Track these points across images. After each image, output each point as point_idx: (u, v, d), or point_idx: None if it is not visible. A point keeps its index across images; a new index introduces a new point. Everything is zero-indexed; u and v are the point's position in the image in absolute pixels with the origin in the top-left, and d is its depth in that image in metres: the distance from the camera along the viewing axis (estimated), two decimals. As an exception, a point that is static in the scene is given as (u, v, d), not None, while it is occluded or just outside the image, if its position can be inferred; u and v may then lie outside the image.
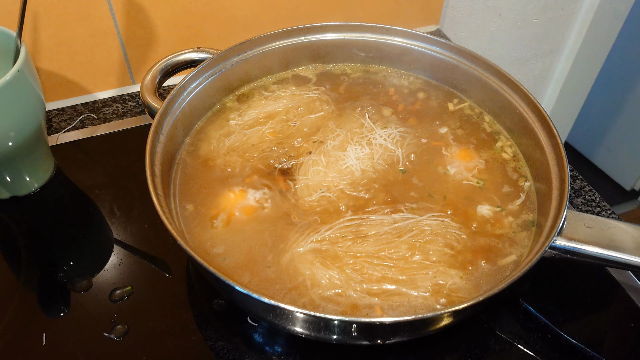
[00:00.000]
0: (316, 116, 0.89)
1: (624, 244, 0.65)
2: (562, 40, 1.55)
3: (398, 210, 0.76)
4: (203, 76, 0.87)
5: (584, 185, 0.97)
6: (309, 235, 0.72)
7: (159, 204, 0.66)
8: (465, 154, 0.85)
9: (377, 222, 0.74)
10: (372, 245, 0.71)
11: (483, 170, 0.83)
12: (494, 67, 0.87)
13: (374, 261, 0.69)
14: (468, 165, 0.83)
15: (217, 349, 0.71)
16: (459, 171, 0.82)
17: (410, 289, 0.67)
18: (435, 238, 0.72)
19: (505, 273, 0.70)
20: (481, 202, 0.78)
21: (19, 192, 0.89)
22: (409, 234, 0.72)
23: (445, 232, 0.73)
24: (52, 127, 1.03)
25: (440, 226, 0.74)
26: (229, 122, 0.88)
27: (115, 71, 1.09)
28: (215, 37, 1.12)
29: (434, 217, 0.75)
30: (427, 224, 0.73)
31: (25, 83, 0.78)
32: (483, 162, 0.84)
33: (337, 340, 0.65)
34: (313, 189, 0.78)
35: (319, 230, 0.72)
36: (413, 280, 0.68)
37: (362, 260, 0.69)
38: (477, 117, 0.91)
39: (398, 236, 0.72)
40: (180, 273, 0.80)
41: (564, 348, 0.73)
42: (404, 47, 0.94)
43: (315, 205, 0.76)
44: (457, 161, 0.84)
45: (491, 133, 0.89)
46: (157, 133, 0.76)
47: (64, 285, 0.78)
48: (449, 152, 0.85)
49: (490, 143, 0.87)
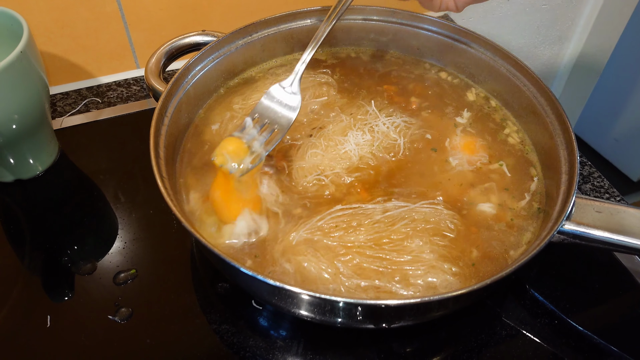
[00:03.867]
0: (321, 100, 0.88)
1: (633, 229, 0.64)
2: (571, 26, 1.53)
3: (391, 198, 0.74)
4: (207, 59, 0.86)
5: (592, 171, 0.96)
6: (301, 225, 0.70)
7: (163, 186, 0.65)
8: (470, 141, 0.84)
9: (369, 210, 0.72)
10: (364, 235, 0.69)
11: (490, 156, 0.82)
12: (503, 51, 0.86)
13: (366, 252, 0.67)
14: (472, 157, 0.82)
15: (222, 332, 0.71)
16: (462, 160, 0.81)
17: (403, 286, 0.65)
18: (430, 226, 0.70)
19: (512, 260, 0.69)
20: (487, 190, 0.77)
21: (23, 176, 0.88)
22: (401, 222, 0.70)
23: (438, 219, 0.71)
24: (56, 111, 1.03)
25: (434, 214, 0.72)
26: (233, 106, 0.87)
27: (119, 55, 1.08)
28: (220, 21, 1.11)
29: (426, 205, 0.73)
30: (420, 212, 0.72)
31: (28, 65, 0.77)
32: (488, 151, 0.82)
33: (342, 324, 0.64)
34: (308, 172, 0.77)
35: (310, 221, 0.71)
36: (405, 277, 0.66)
37: (355, 251, 0.67)
38: (485, 103, 0.90)
39: (391, 224, 0.70)
40: (184, 257, 0.80)
41: (570, 335, 0.73)
42: (412, 30, 0.93)
43: (310, 187, 0.76)
44: (461, 150, 0.82)
45: (498, 118, 0.87)
46: (162, 115, 0.75)
47: (68, 268, 0.78)
48: (453, 139, 0.83)
49: (497, 129, 0.86)
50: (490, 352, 0.70)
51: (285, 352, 0.69)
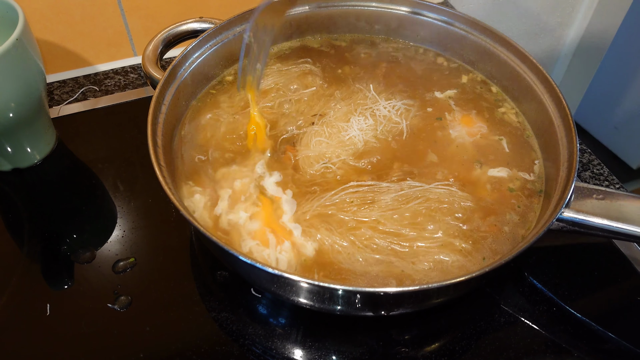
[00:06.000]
0: (320, 87, 0.88)
1: (632, 216, 0.64)
2: (572, 13, 1.52)
3: (406, 178, 0.75)
4: (205, 46, 0.85)
5: (592, 159, 0.95)
6: (315, 199, 0.71)
7: (162, 174, 0.65)
8: (469, 122, 0.84)
9: (384, 188, 0.73)
10: (377, 211, 0.70)
11: (489, 142, 0.81)
12: (503, 37, 0.85)
13: (379, 227, 0.68)
14: (473, 130, 0.82)
15: (221, 320, 0.71)
16: (464, 141, 0.81)
17: (416, 262, 0.66)
18: (441, 206, 0.71)
19: (510, 246, 0.69)
20: (488, 172, 0.77)
21: (20, 164, 0.88)
22: (415, 202, 0.71)
23: (452, 200, 0.72)
24: (53, 99, 1.02)
25: (446, 194, 0.72)
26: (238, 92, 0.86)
27: (116, 42, 1.07)
28: (218, 7, 1.10)
29: (441, 186, 0.74)
30: (434, 192, 0.72)
31: (25, 52, 0.76)
32: (489, 132, 0.82)
33: (340, 311, 0.64)
34: (315, 160, 0.77)
35: (325, 195, 0.72)
36: (415, 253, 0.67)
37: (369, 226, 0.68)
38: (485, 89, 0.89)
39: (405, 202, 0.71)
40: (183, 245, 0.80)
41: (569, 322, 0.73)
42: (411, 17, 0.92)
43: (317, 176, 0.76)
44: (463, 130, 0.83)
45: (498, 105, 0.87)
46: (159, 103, 0.75)
47: (67, 257, 0.78)
48: (454, 123, 0.84)
49: (497, 115, 0.85)
50: (489, 339, 0.70)
51: (285, 340, 0.70)
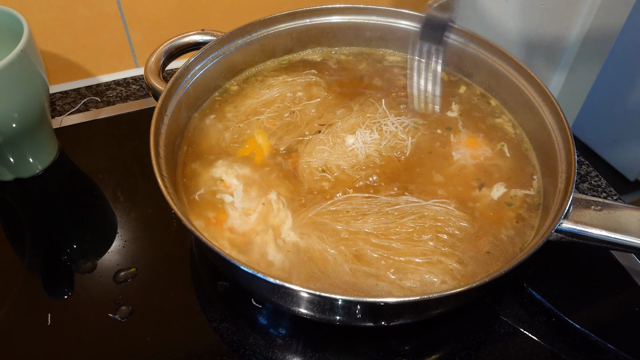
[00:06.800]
0: (325, 99, 0.89)
1: (630, 227, 0.65)
2: (569, 26, 1.53)
3: (400, 194, 0.75)
4: (207, 58, 0.86)
5: (590, 170, 0.96)
6: (311, 207, 0.72)
7: (164, 184, 0.66)
8: (472, 141, 0.84)
9: (380, 201, 0.73)
10: (371, 224, 0.70)
11: (490, 157, 0.82)
12: (501, 50, 0.86)
13: (371, 239, 0.68)
14: (475, 152, 0.82)
15: (221, 330, 0.71)
16: (465, 159, 0.81)
17: (403, 278, 0.66)
18: (436, 224, 0.71)
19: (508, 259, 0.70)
20: (490, 193, 0.77)
21: (22, 174, 0.88)
22: (410, 217, 0.71)
23: (448, 218, 0.72)
24: (55, 110, 1.03)
25: (443, 212, 0.72)
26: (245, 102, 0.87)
27: (119, 54, 1.09)
28: (220, 20, 1.11)
29: (438, 203, 0.74)
30: (431, 209, 0.73)
31: (29, 63, 0.77)
32: (489, 150, 0.83)
33: (341, 322, 0.65)
34: (315, 168, 0.78)
35: (321, 204, 0.72)
36: (404, 269, 0.67)
37: (361, 238, 0.69)
38: (484, 102, 0.90)
39: (400, 217, 0.71)
40: (184, 255, 0.80)
41: (567, 332, 0.73)
42: (412, 30, 0.93)
43: (315, 183, 0.76)
44: (465, 149, 0.83)
45: (497, 118, 0.88)
46: (162, 115, 0.76)
47: (68, 266, 0.78)
48: (457, 140, 0.84)
49: (496, 128, 0.86)
50: (489, 350, 0.71)
51: (285, 350, 0.70)
